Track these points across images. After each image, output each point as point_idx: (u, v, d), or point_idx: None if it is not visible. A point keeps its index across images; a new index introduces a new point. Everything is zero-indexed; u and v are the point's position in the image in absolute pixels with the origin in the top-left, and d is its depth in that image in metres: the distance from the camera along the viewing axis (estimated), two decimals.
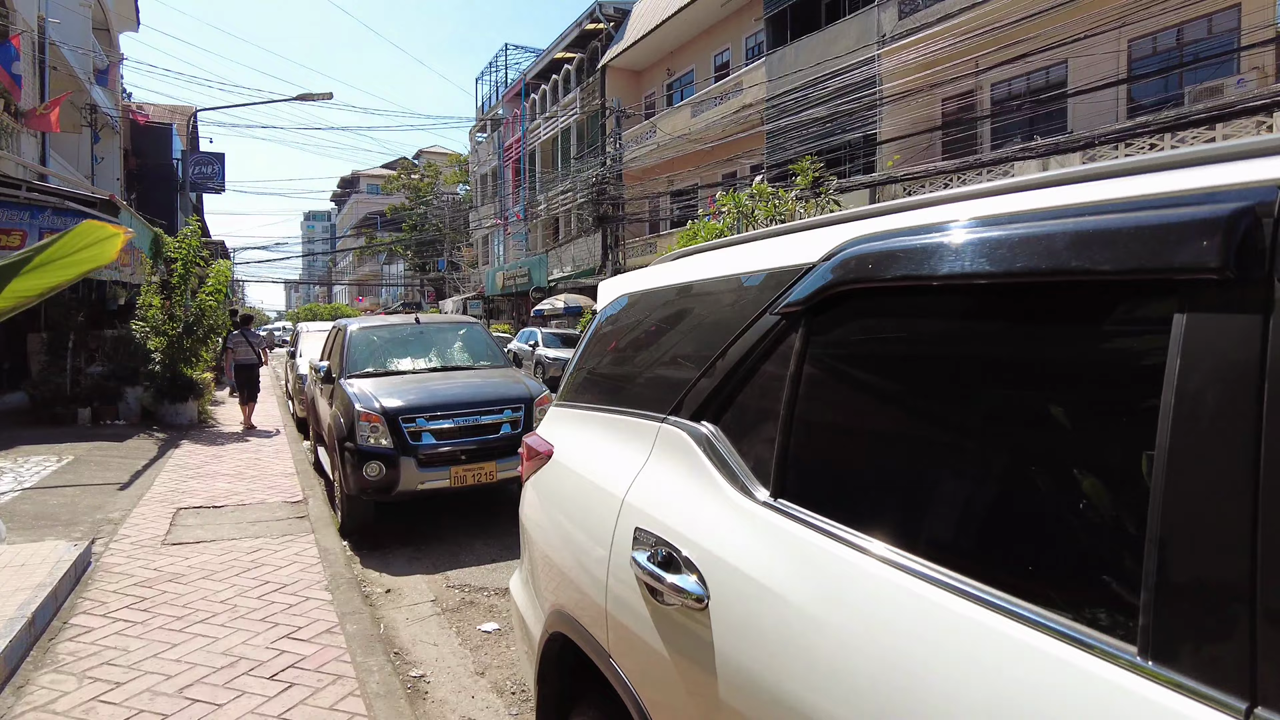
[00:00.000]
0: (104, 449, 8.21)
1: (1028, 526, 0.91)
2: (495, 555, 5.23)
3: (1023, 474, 0.95)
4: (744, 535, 1.27)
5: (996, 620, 0.86)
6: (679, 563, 1.36)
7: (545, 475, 2.07)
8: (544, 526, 2.01)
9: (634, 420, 1.73)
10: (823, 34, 17.94)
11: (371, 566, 5.03)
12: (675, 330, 1.77)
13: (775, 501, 1.26)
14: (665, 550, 1.40)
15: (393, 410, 5.59)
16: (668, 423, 1.59)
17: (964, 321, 1.08)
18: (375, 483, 5.42)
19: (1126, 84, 13.08)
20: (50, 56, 14.02)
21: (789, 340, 1.33)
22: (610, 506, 1.63)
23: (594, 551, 1.65)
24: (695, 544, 1.34)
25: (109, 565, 4.41)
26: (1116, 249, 0.81)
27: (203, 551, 4.79)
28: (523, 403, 6.03)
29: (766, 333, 1.38)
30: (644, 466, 1.61)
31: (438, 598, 4.48)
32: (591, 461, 1.83)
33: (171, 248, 11.08)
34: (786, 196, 14.16)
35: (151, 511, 5.74)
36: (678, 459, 1.52)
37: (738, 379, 1.43)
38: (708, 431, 1.47)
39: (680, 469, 1.50)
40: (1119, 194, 0.88)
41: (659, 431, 1.61)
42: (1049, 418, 0.94)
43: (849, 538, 1.11)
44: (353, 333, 6.84)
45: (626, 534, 1.53)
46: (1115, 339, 0.89)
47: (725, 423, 1.45)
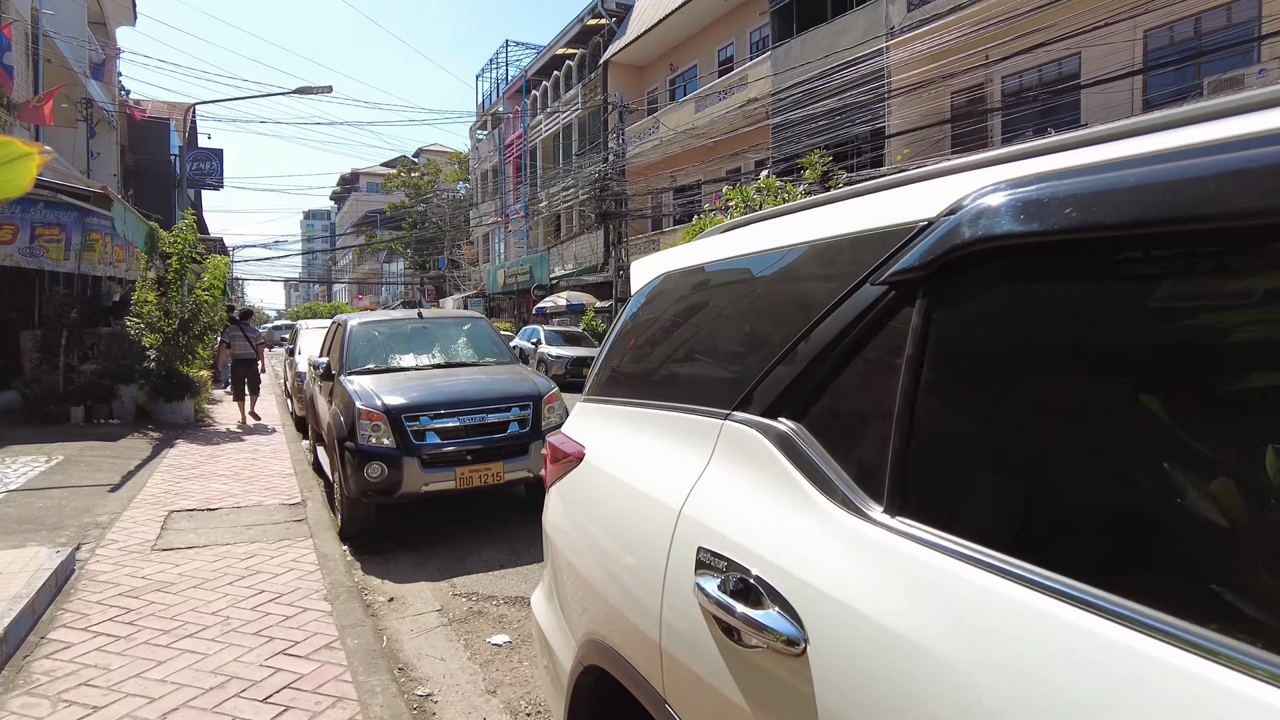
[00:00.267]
0: (96, 449, 7.94)
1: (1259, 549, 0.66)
2: (503, 561, 4.97)
3: (1249, 483, 0.69)
4: (851, 562, 1.00)
5: (1215, 672, 0.62)
6: (760, 594, 1.09)
7: (575, 480, 1.80)
8: (575, 540, 1.74)
9: (686, 417, 1.47)
10: (830, 26, 17.67)
11: (373, 573, 4.77)
12: (734, 311, 1.50)
13: (893, 519, 0.99)
14: (740, 576, 1.13)
15: (395, 408, 5.33)
16: (733, 420, 1.32)
17: (1159, 287, 0.81)
18: (377, 484, 5.16)
19: (1142, 74, 12.80)
20: (44, 48, 13.75)
21: (902, 315, 1.07)
22: (662, 520, 1.36)
23: (643, 574, 1.38)
24: (784, 571, 1.07)
25: (94, 573, 4.14)
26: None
27: (195, 558, 4.53)
28: (531, 400, 5.77)
29: (868, 308, 1.12)
30: (704, 472, 1.34)
31: (444, 607, 4.22)
32: (635, 465, 1.56)
33: (166, 242, 10.81)
34: (795, 191, 13.90)
35: (142, 514, 5.47)
36: (749, 463, 1.25)
37: (828, 366, 1.16)
38: (787, 430, 1.20)
39: (753, 476, 1.23)
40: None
41: (721, 430, 1.34)
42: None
43: (1004, 566, 0.84)
44: (353, 328, 6.58)
45: (686, 554, 1.26)
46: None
47: (812, 419, 1.18)
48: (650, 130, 24.27)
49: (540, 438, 5.70)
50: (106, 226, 10.29)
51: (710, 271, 1.61)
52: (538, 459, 5.65)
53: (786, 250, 1.37)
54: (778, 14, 19.72)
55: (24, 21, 12.59)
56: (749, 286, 1.47)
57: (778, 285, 1.38)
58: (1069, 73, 14.10)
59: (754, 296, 1.44)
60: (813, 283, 1.27)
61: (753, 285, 1.46)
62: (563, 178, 29.06)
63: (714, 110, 21.22)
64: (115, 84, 20.56)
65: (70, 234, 10.32)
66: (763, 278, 1.43)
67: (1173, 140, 0.83)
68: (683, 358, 1.64)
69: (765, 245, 1.44)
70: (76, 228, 10.33)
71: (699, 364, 1.55)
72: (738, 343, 1.44)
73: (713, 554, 1.20)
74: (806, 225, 1.36)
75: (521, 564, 4.90)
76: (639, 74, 27.34)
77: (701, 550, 1.22)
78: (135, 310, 10.78)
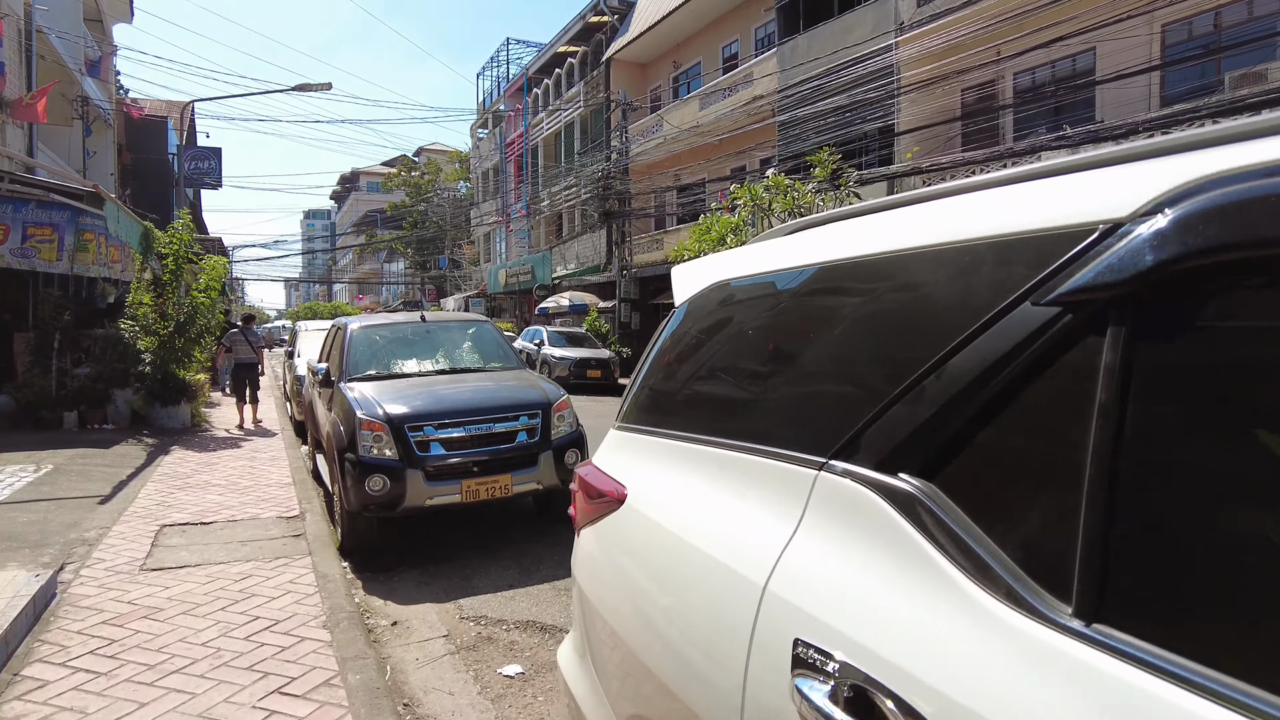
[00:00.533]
0: (87, 456, 7.68)
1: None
2: (512, 580, 4.70)
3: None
4: (1036, 684, 0.74)
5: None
6: (895, 713, 0.83)
7: (615, 527, 1.53)
8: (616, 599, 1.48)
9: (761, 462, 1.20)
10: (837, 22, 17.39)
11: (375, 593, 4.50)
12: (819, 331, 1.23)
13: (1092, 628, 0.73)
14: (858, 684, 0.87)
15: (398, 418, 5.06)
16: (830, 471, 1.06)
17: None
18: (379, 498, 4.89)
19: (1160, 70, 12.52)
20: (38, 44, 13.47)
21: (1084, 347, 0.80)
22: (740, 595, 1.09)
23: (715, 661, 1.11)
24: (928, 689, 0.81)
25: (77, 598, 3.88)
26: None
27: (186, 579, 4.26)
28: (540, 408, 5.50)
29: (1032, 335, 0.85)
30: (793, 537, 1.07)
31: (450, 632, 3.96)
32: (694, 518, 1.29)
33: (162, 242, 10.54)
34: (803, 189, 13.64)
35: (132, 530, 5.21)
36: (859, 531, 0.98)
37: (972, 409, 0.90)
38: (912, 490, 0.93)
39: (866, 549, 0.97)
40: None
41: (815, 484, 1.07)
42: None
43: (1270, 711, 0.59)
44: (353, 332, 6.31)
45: (777, 645, 1.00)
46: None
47: (947, 478, 0.92)
48: (654, 128, 23.99)
49: (550, 448, 5.44)
50: (100, 226, 10.02)
51: (785, 282, 1.34)
52: (547, 470, 5.39)
53: (893, 257, 1.10)
54: (783, 10, 19.43)
55: (16, 17, 12.32)
56: (838, 302, 1.20)
57: (883, 302, 1.11)
58: (1083, 69, 13.82)
59: (847, 315, 1.17)
60: (938, 300, 1.01)
61: (843, 300, 1.19)
62: (565, 176, 28.79)
63: (719, 108, 20.94)
64: (112, 82, 20.28)
65: (63, 234, 10.05)
66: (858, 292, 1.16)
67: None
68: (749, 385, 1.37)
69: (860, 251, 1.18)
70: (69, 228, 10.06)
71: (773, 394, 1.28)
72: (828, 371, 1.17)
73: (818, 651, 0.93)
74: (920, 226, 1.09)
75: (531, 584, 4.64)
76: (642, 72, 27.06)
77: (801, 644, 0.96)
78: (130, 312, 10.52)
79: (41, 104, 12.44)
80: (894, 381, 1.00)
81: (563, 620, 4.06)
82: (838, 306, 1.20)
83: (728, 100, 20.71)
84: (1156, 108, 12.40)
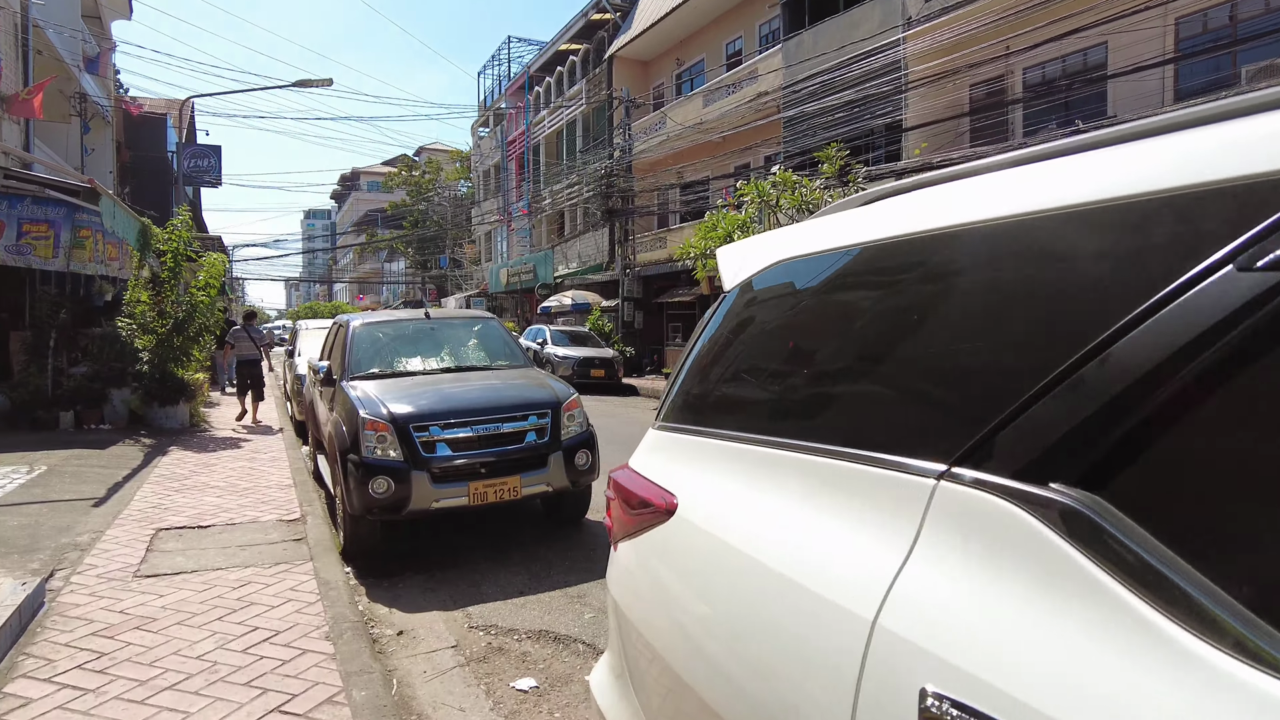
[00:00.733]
0: (82, 457, 7.49)
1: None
2: (522, 586, 4.51)
3: None
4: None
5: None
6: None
7: (665, 542, 1.34)
8: (667, 626, 1.28)
9: (855, 469, 1.00)
10: (844, 17, 17.19)
11: (379, 600, 4.31)
12: (937, 312, 1.02)
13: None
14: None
15: (403, 417, 4.87)
16: (955, 480, 0.86)
17: None
18: (383, 501, 4.70)
19: (1174, 63, 12.32)
20: (34, 39, 13.28)
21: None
22: (840, 631, 0.90)
23: (808, 710, 0.92)
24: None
25: (66, 607, 3.68)
26: None
27: (181, 586, 4.07)
28: (549, 408, 5.31)
29: (1242, 309, 0.66)
30: (906, 562, 0.88)
31: (459, 642, 3.76)
32: (771, 536, 1.10)
33: (161, 239, 10.35)
34: (811, 185, 13.44)
35: (126, 534, 5.02)
36: (1001, 555, 0.79)
37: (1155, 403, 0.71)
38: (1075, 503, 0.74)
39: (1012, 577, 0.77)
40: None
41: (933, 495, 0.88)
42: None
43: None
44: (356, 329, 6.12)
45: (898, 696, 0.80)
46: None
47: (1122, 489, 0.72)
48: (656, 126, 23.80)
49: (559, 448, 5.25)
50: (97, 223, 9.82)
51: (878, 257, 1.14)
52: (557, 471, 5.20)
53: (1029, 221, 0.90)
54: (789, 6, 19.24)
55: (12, 10, 12.13)
56: (953, 277, 1.01)
57: (1017, 275, 0.91)
58: (1094, 63, 13.62)
59: (966, 292, 0.98)
60: (1093, 271, 0.81)
61: (961, 275, 0.99)
62: (567, 175, 28.60)
63: (723, 104, 20.75)
64: (111, 78, 20.09)
65: (59, 231, 9.85)
66: (981, 264, 0.97)
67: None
68: (833, 378, 1.17)
69: (981, 215, 0.98)
70: (65, 224, 9.86)
71: (868, 388, 1.09)
72: (945, 360, 0.97)
73: (959, 707, 0.74)
74: (1064, 182, 0.90)
75: (542, 590, 4.45)
76: (644, 69, 26.87)
77: (933, 697, 0.76)
78: (127, 310, 10.33)
79: (38, 99, 12.25)
80: (1038, 371, 0.81)
81: (577, 630, 3.87)
82: (953, 282, 1.00)
83: (732, 97, 20.51)
84: (1170, 102, 12.20)
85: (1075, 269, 0.84)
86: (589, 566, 4.84)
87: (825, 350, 1.20)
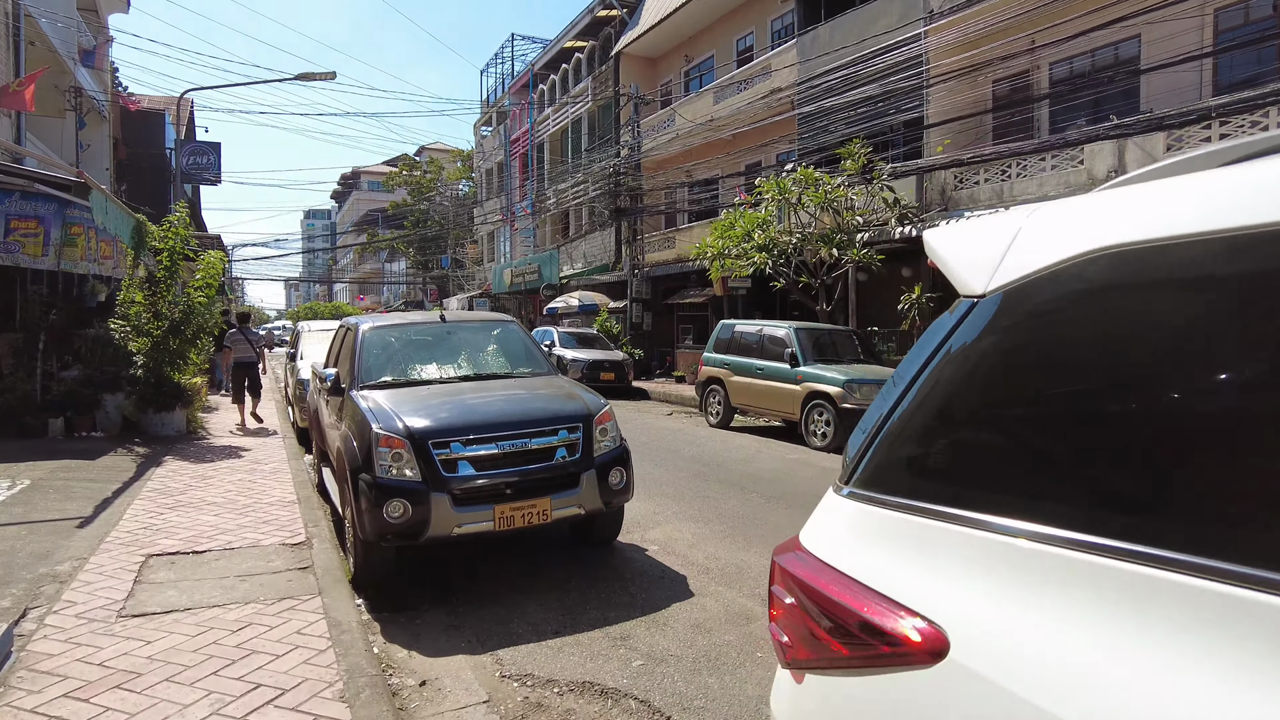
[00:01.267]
0: (71, 470, 6.99)
1: None
2: (557, 624, 4.01)
3: None
4: None
5: None
6: None
7: (921, 701, 0.84)
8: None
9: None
10: (862, 11, 16.70)
11: (397, 640, 3.81)
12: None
13: None
14: None
15: (421, 432, 4.37)
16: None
17: None
18: (398, 526, 4.20)
19: (1213, 56, 11.83)
20: (27, 29, 12.78)
21: None
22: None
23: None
24: None
25: (37, 658, 3.18)
26: None
27: (172, 628, 3.57)
28: (580, 421, 4.82)
29: None
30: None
31: (491, 696, 3.26)
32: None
33: (157, 237, 9.85)
34: (833, 182, 12.95)
35: (113, 561, 4.52)
36: None
37: None
38: None
39: None
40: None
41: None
42: None
43: None
44: (366, 334, 5.62)
45: None
46: None
47: None
48: (665, 123, 23.30)
49: (592, 466, 4.75)
50: (89, 220, 9.32)
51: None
52: (590, 492, 4.70)
53: None
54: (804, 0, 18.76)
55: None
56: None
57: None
58: (1126, 57, 13.13)
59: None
60: None
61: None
62: (572, 173, 28.10)
63: (734, 101, 20.26)
64: (108, 72, 19.59)
65: (49, 227, 9.35)
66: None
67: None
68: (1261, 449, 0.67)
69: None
70: (56, 220, 9.36)
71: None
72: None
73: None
74: None
75: (580, 629, 3.95)
76: (652, 66, 26.38)
77: None
78: (121, 311, 9.82)
79: (29, 91, 11.73)
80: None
81: (625, 681, 3.37)
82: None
83: (744, 94, 20.02)
84: (1210, 96, 11.71)
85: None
86: (628, 601, 4.34)
87: (1219, 398, 0.69)
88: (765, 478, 7.84)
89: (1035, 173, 12.87)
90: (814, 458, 9.11)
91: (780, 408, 10.61)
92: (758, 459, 9.01)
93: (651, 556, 5.16)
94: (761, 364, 11.00)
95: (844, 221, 12.84)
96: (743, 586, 4.55)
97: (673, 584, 4.62)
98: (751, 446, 9.93)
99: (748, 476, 7.88)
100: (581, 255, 27.69)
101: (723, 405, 11.82)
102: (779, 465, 8.61)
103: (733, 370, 11.61)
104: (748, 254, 13.32)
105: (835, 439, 9.39)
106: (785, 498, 6.89)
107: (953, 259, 1.06)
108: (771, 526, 5.88)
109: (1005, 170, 13.43)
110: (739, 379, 11.43)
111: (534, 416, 4.71)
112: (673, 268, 21.85)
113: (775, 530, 5.77)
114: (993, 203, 13.38)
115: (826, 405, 9.57)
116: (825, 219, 13.00)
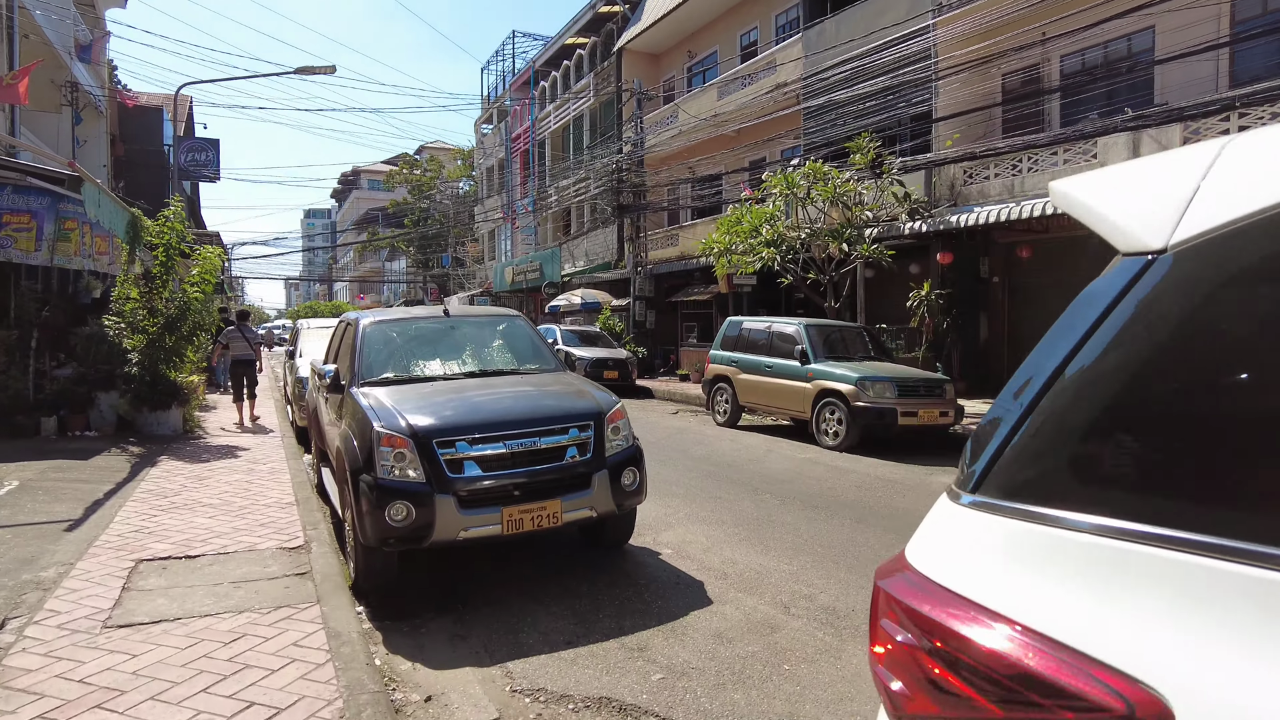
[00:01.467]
0: (62, 470, 6.77)
1: None
2: (569, 635, 3.78)
3: None
4: None
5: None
6: None
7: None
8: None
9: None
10: (869, 4, 16.46)
11: (400, 650, 3.59)
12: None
13: None
14: None
15: (425, 431, 4.15)
16: None
17: None
18: (401, 530, 3.98)
19: (1229, 47, 11.59)
20: (21, 22, 12.55)
21: None
22: None
23: None
24: None
25: (13, 674, 2.96)
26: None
27: (160, 640, 3.35)
28: (591, 419, 4.59)
29: None
30: None
31: (502, 713, 3.04)
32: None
33: (152, 232, 9.62)
34: (842, 176, 12.72)
35: (100, 566, 4.30)
36: None
37: None
38: None
39: None
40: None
41: None
42: None
43: None
44: (367, 328, 5.39)
45: None
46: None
47: None
48: (668, 119, 23.07)
49: (604, 466, 4.53)
50: (83, 214, 9.10)
51: None
52: (603, 493, 4.48)
53: None
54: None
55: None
56: None
57: None
58: (1139, 48, 12.90)
59: None
60: None
61: None
62: (574, 170, 27.86)
63: (738, 96, 20.02)
64: (105, 67, 19.36)
65: (42, 222, 9.13)
66: None
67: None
68: None
69: None
70: (49, 215, 9.14)
71: None
72: None
73: None
74: None
75: (593, 639, 3.72)
76: (655, 62, 26.14)
77: None
78: (116, 308, 9.60)
79: (23, 84, 11.51)
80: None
81: (645, 697, 3.15)
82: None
83: (748, 89, 19.78)
84: (1226, 89, 11.48)
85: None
86: (643, 608, 4.12)
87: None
88: (778, 478, 7.62)
89: (1047, 167, 12.64)
90: (825, 457, 8.89)
91: (790, 406, 10.38)
92: (768, 458, 8.78)
93: (665, 561, 4.94)
94: (771, 361, 10.77)
95: (854, 216, 12.60)
96: (764, 593, 4.32)
97: (690, 590, 4.40)
98: (761, 446, 9.71)
99: (760, 476, 7.65)
100: (584, 253, 27.45)
101: (730, 403, 11.60)
102: (790, 465, 8.38)
103: (741, 368, 11.38)
104: (755, 249, 13.08)
105: (847, 438, 9.17)
106: (800, 498, 6.66)
107: (1107, 208, 0.84)
108: (788, 529, 5.66)
109: (1016, 164, 13.20)
110: (747, 377, 11.20)
111: (543, 414, 4.49)
112: (676, 265, 21.62)
113: (793, 533, 5.55)
114: (1003, 198, 13.15)
115: (839, 403, 9.34)
116: (834, 214, 12.77)
